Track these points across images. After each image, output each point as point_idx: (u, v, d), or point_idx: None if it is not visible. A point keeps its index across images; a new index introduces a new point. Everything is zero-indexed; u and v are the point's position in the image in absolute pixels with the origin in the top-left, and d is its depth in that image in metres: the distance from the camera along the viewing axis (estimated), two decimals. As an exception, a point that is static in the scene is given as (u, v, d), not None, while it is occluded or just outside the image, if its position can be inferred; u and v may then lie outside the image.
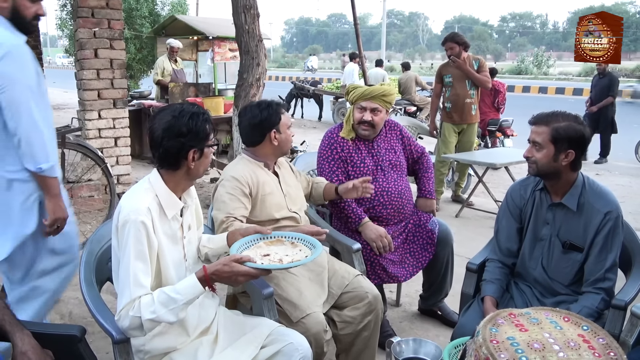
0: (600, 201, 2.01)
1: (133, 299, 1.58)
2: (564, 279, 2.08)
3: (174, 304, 1.57)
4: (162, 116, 1.67)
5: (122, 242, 1.62)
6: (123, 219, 1.61)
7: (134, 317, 1.57)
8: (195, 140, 1.66)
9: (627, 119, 13.09)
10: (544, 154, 2.00)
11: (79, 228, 4.17)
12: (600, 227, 1.99)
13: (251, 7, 4.63)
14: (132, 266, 1.59)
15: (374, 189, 2.54)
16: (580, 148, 1.99)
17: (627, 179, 7.24)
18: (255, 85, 4.75)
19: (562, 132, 1.96)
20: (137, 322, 1.57)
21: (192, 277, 1.60)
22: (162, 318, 1.57)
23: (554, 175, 2.04)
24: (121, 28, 4.90)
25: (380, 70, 11.56)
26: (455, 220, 5.00)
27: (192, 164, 1.69)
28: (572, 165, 2.01)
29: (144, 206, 1.63)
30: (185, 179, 1.74)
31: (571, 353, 1.34)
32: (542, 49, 36.74)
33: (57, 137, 3.61)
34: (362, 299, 2.20)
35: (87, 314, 2.58)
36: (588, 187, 2.05)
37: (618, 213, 2.00)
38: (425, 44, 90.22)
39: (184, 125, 1.64)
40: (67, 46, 14.10)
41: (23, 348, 1.42)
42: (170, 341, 1.73)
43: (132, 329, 1.59)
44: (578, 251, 2.04)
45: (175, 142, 1.64)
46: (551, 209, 2.09)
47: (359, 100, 2.75)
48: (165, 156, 1.67)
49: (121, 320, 1.59)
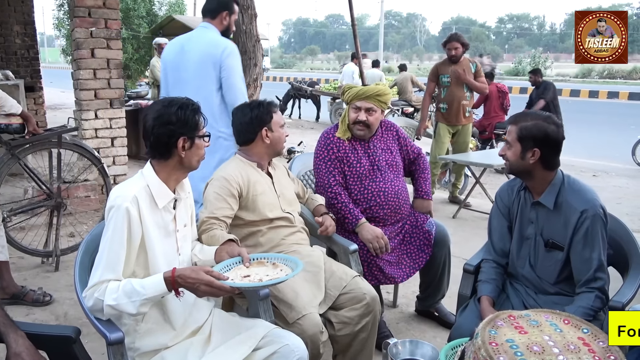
0: (578, 199, 2.00)
1: (101, 281, 1.61)
2: (550, 277, 2.08)
3: (136, 297, 1.59)
4: (153, 106, 1.76)
5: (106, 225, 1.66)
6: (109, 204, 1.66)
7: (98, 299, 1.61)
8: (184, 128, 1.71)
9: (623, 120, 13.14)
10: (512, 152, 2.04)
11: (75, 229, 4.17)
12: (578, 226, 1.98)
13: (249, 7, 4.63)
14: (108, 249, 1.63)
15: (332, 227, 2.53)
16: (546, 147, 1.99)
17: (624, 180, 7.25)
18: (253, 86, 4.74)
19: (526, 131, 1.99)
20: (99, 304, 1.61)
21: (159, 275, 1.63)
22: (122, 307, 1.60)
23: (526, 173, 2.06)
24: (118, 28, 4.89)
25: (377, 71, 11.56)
26: (452, 221, 5.00)
27: (182, 153, 1.72)
28: (543, 164, 2.02)
29: (131, 194, 1.66)
30: (178, 170, 1.76)
31: (571, 356, 1.33)
32: (539, 50, 36.80)
33: (54, 137, 3.64)
34: (360, 300, 2.20)
35: (82, 315, 2.56)
36: (567, 186, 2.05)
37: (595, 211, 1.97)
38: (422, 45, 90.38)
39: (173, 114, 1.70)
40: (64, 46, 14.07)
41: (17, 349, 1.41)
42: (158, 338, 1.73)
43: (94, 310, 1.64)
44: (559, 250, 2.04)
45: (165, 130, 1.69)
46: (534, 207, 2.11)
47: (353, 100, 2.75)
48: (156, 144, 1.72)
49: (86, 300, 1.64)
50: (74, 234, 4.16)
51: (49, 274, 3.61)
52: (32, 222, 4.02)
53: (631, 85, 24.30)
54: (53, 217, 3.77)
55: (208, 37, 3.04)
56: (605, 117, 13.15)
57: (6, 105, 3.27)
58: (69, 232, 4.17)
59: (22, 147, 3.53)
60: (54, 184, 3.74)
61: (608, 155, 8.39)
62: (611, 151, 8.55)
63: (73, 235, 4.16)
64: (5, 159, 3.49)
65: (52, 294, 3.23)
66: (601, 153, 8.52)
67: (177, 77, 3.09)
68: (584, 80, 28.12)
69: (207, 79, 2.99)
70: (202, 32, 3.09)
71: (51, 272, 3.63)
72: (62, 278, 3.54)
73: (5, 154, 3.50)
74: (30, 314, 3.06)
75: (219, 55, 2.96)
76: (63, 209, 3.77)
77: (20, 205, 3.81)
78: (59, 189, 3.73)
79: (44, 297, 3.17)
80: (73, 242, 3.97)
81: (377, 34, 36.35)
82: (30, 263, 3.75)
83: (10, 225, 3.59)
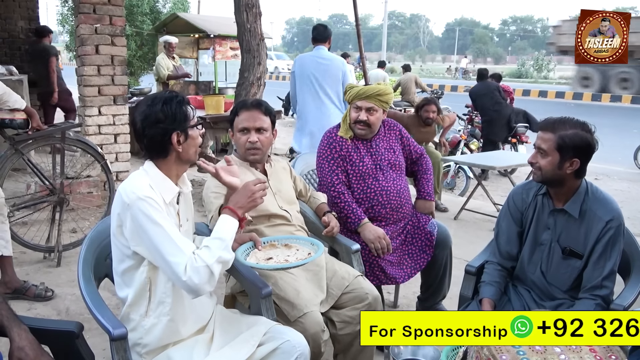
0: (603, 209, 2.00)
1: (190, 255, 1.60)
2: (563, 284, 2.07)
3: (224, 243, 1.65)
4: (138, 107, 1.73)
5: (138, 222, 1.60)
6: (128, 200, 1.60)
7: (202, 267, 1.59)
8: (174, 123, 1.69)
9: (626, 124, 13.12)
10: (548, 162, 1.97)
11: (77, 224, 4.18)
12: (601, 235, 1.97)
13: (253, 6, 4.63)
14: (165, 234, 1.60)
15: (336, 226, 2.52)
16: (585, 156, 1.96)
17: (626, 184, 7.25)
18: (256, 84, 4.75)
19: (568, 141, 1.92)
20: (206, 271, 1.59)
21: (220, 218, 1.72)
22: (223, 258, 1.64)
23: (557, 182, 2.02)
24: (122, 25, 4.89)
25: (381, 72, 11.57)
26: (453, 222, 5.00)
27: (179, 147, 1.71)
28: (576, 173, 1.99)
29: (145, 184, 1.65)
30: (178, 164, 1.76)
31: (572, 355, 1.34)
32: (543, 52, 36.70)
33: (57, 133, 3.65)
34: (362, 300, 2.20)
35: (84, 310, 2.57)
36: (591, 194, 2.03)
37: (620, 221, 1.99)
38: (426, 46, 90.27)
39: (159, 112, 1.68)
40: (68, 42, 14.08)
41: (20, 343, 1.42)
42: (166, 334, 1.73)
43: (203, 282, 1.59)
44: (578, 258, 2.03)
45: (156, 129, 1.67)
46: (553, 214, 2.08)
47: (355, 100, 2.76)
48: (152, 145, 1.70)
49: (192, 279, 1.57)
50: (76, 229, 4.17)
51: (51, 269, 3.62)
52: (34, 218, 4.03)
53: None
54: (55, 212, 3.78)
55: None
56: (608, 120, 13.12)
57: (10, 100, 3.28)
58: (71, 227, 4.18)
59: (26, 142, 3.54)
60: (56, 179, 3.76)
61: (610, 158, 8.37)
62: (613, 155, 8.53)
63: (75, 231, 4.17)
64: (9, 154, 3.50)
65: (54, 290, 3.24)
66: (603, 156, 8.48)
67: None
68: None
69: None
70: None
71: (53, 267, 3.64)
72: (63, 273, 3.55)
73: (8, 149, 3.51)
74: (32, 308, 3.07)
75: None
76: (65, 205, 3.78)
77: (23, 201, 3.82)
78: (62, 185, 3.74)
79: (46, 292, 3.18)
80: (75, 238, 3.98)
81: (380, 34, 36.30)
82: (32, 258, 3.76)
83: (12, 220, 3.60)
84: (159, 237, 1.59)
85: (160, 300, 1.71)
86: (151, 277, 1.69)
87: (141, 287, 1.70)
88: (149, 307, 1.71)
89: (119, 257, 1.72)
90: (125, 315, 1.74)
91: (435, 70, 45.06)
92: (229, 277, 2.34)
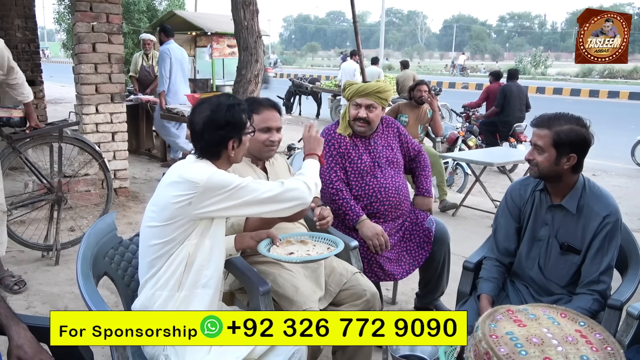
0: (600, 204, 2.01)
1: (281, 184, 1.78)
2: (560, 280, 2.08)
3: (312, 171, 1.91)
4: (201, 110, 1.75)
5: (212, 192, 1.65)
6: (203, 177, 1.65)
7: (300, 183, 1.81)
8: (234, 130, 1.75)
9: (624, 120, 13.15)
10: (545, 158, 1.98)
11: (75, 223, 4.18)
12: (599, 230, 1.98)
13: (250, 4, 4.63)
14: (251, 184, 1.72)
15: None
16: (582, 151, 1.96)
17: (623, 180, 7.26)
18: (254, 82, 4.75)
19: (564, 136, 1.93)
20: (302, 187, 1.80)
21: (307, 160, 1.98)
22: (316, 180, 1.90)
23: (555, 178, 2.03)
24: (119, 22, 4.88)
25: (375, 68, 11.54)
26: (451, 219, 5.01)
27: (232, 153, 1.78)
28: (573, 168, 2.00)
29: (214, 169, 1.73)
30: (225, 165, 1.82)
31: (569, 347, 1.35)
32: (540, 49, 36.80)
33: (55, 131, 3.65)
34: (360, 297, 2.21)
35: (83, 309, 2.57)
36: (588, 190, 2.04)
37: (617, 217, 2.00)
38: (423, 43, 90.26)
39: (222, 118, 1.72)
40: (65, 40, 14.04)
41: (19, 341, 1.42)
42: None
43: (300, 196, 1.79)
44: (575, 253, 2.04)
45: (216, 135, 1.72)
46: (550, 210, 2.09)
47: (354, 97, 2.76)
48: (207, 148, 1.74)
49: (292, 191, 1.77)
50: (74, 228, 4.17)
51: (49, 267, 3.62)
52: (32, 216, 4.02)
53: (632, 84, 24.29)
54: (53, 211, 3.77)
55: None
56: (606, 116, 13.15)
57: (25, 91, 3.35)
58: (69, 226, 4.18)
59: (23, 140, 3.54)
60: (54, 178, 3.75)
61: (608, 154, 8.39)
62: (611, 151, 8.55)
63: (73, 230, 4.16)
64: (6, 153, 3.49)
65: (52, 288, 3.24)
66: (601, 152, 8.51)
67: None
68: (585, 80, 28.10)
69: None
70: None
71: (51, 266, 3.64)
72: (62, 272, 3.55)
73: (6, 148, 3.50)
74: (31, 307, 3.07)
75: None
76: (63, 203, 3.78)
77: (21, 199, 3.82)
78: (60, 183, 3.74)
79: (14, 286, 3.21)
80: (73, 236, 3.98)
81: (378, 31, 36.26)
82: (30, 257, 3.76)
83: (10, 218, 3.59)
84: (247, 190, 1.70)
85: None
86: (191, 252, 1.71)
87: (179, 262, 1.70)
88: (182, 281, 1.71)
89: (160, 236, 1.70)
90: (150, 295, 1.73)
91: (433, 67, 45.08)
92: (227, 274, 2.34)
